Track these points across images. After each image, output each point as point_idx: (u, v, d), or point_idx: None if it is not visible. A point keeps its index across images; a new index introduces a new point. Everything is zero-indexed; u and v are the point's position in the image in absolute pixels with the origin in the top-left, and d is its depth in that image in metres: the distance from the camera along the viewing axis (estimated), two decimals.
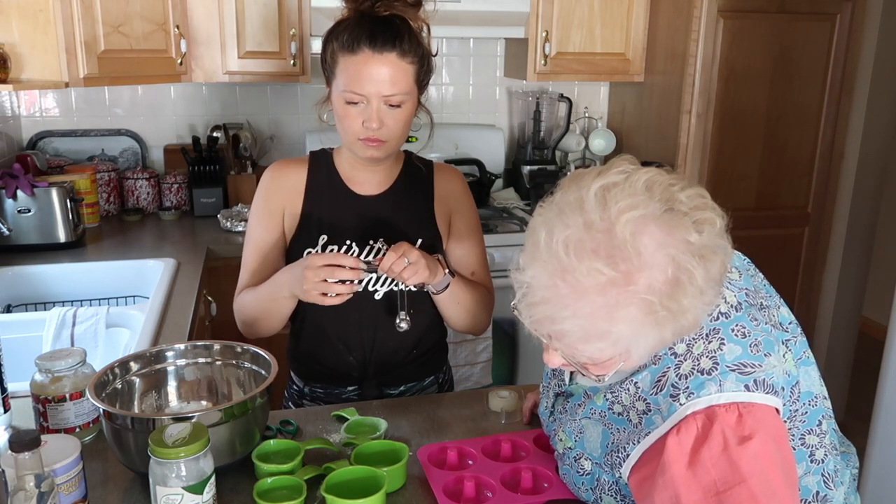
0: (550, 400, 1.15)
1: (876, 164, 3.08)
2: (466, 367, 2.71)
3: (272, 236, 1.49)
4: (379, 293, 1.47)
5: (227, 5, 2.58)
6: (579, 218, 0.82)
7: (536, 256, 0.84)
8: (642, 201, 0.81)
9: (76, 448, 1.03)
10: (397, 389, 1.55)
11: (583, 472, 1.02)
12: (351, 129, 1.37)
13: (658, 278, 0.80)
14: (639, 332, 0.82)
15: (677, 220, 0.81)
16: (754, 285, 0.99)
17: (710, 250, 0.82)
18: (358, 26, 1.32)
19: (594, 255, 0.80)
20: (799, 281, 3.07)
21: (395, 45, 1.32)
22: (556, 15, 2.82)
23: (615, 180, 0.83)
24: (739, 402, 0.86)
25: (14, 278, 2.14)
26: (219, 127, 2.91)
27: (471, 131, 3.14)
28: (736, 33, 2.71)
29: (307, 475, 1.12)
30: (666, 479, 0.85)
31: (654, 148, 2.96)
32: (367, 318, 1.48)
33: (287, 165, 1.51)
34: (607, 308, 0.80)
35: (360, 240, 1.46)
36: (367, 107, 1.34)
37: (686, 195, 0.83)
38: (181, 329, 1.76)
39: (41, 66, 2.13)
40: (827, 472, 0.98)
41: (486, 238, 2.70)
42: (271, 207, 1.48)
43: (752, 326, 0.91)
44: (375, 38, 1.31)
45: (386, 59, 1.32)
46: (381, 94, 1.33)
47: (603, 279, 0.79)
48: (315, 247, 1.45)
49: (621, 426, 0.96)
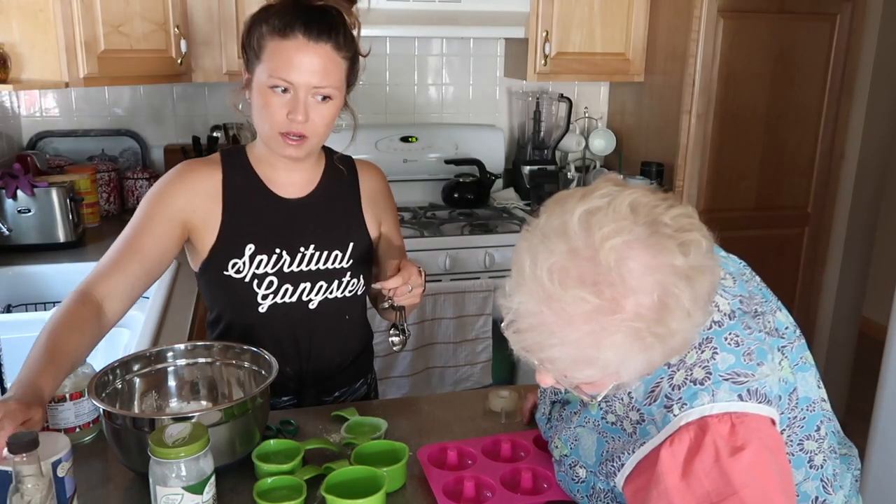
0: (547, 407, 1.15)
1: (876, 164, 3.08)
2: (466, 367, 2.71)
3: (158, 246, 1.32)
4: (314, 302, 1.42)
5: (227, 5, 2.58)
6: (563, 245, 0.81)
7: (522, 283, 0.83)
8: (626, 226, 0.80)
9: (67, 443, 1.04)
10: (332, 396, 1.52)
11: (578, 480, 1.02)
12: (272, 120, 1.28)
13: (644, 303, 0.79)
14: (626, 357, 0.81)
15: (662, 243, 0.80)
16: (749, 291, 0.98)
17: (698, 271, 0.81)
18: (293, 11, 1.26)
19: (579, 283, 0.79)
20: (799, 281, 3.07)
21: (331, 37, 1.26)
22: (556, 15, 2.82)
23: (598, 204, 0.82)
24: (732, 412, 0.85)
25: (14, 278, 2.14)
26: (219, 127, 2.91)
27: (471, 131, 3.14)
28: (736, 33, 2.71)
29: (307, 475, 1.12)
30: (660, 490, 0.85)
31: (654, 148, 2.96)
32: (303, 328, 1.43)
33: (198, 167, 1.38)
34: (594, 335, 0.80)
35: (290, 247, 1.39)
36: (293, 97, 1.26)
37: (670, 216, 0.82)
38: (181, 329, 1.76)
39: (41, 66, 2.12)
40: (826, 476, 0.98)
41: (487, 238, 2.77)
42: (171, 213, 1.34)
43: (745, 335, 0.90)
44: (311, 25, 1.25)
45: (320, 50, 1.26)
46: (311, 85, 1.26)
47: (588, 307, 0.79)
48: (242, 257, 1.36)
49: (616, 435, 0.96)
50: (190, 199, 1.35)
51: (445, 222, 2.85)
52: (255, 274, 1.37)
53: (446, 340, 2.65)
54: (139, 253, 1.31)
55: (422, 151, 3.06)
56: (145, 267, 1.32)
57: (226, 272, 1.37)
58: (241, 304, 1.40)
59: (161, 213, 1.34)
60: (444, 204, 3.07)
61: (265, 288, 1.38)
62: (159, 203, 1.35)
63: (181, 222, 1.35)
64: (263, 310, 1.39)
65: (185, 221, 1.35)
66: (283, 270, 1.39)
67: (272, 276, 1.38)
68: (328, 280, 1.42)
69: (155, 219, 1.33)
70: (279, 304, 1.40)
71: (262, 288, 1.38)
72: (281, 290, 1.39)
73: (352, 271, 1.44)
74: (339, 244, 1.42)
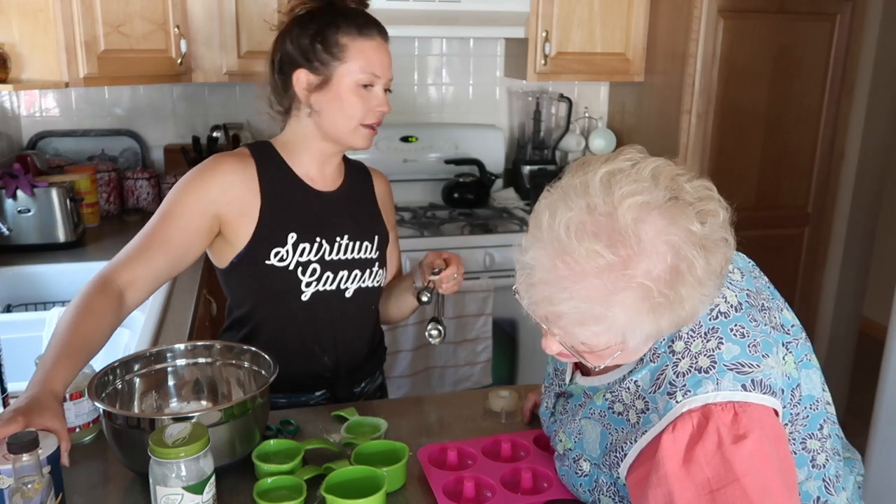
0: (551, 401, 1.15)
1: (876, 164, 3.08)
2: (466, 366, 2.71)
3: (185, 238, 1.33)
4: (349, 290, 1.46)
5: (227, 5, 2.58)
6: (582, 201, 0.82)
7: (538, 238, 0.84)
8: (647, 188, 0.81)
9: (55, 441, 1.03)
10: (359, 387, 1.55)
11: (581, 474, 1.02)
12: (357, 114, 1.37)
13: (657, 265, 0.80)
14: (634, 318, 0.82)
15: (681, 210, 0.81)
16: (757, 287, 0.99)
17: (713, 241, 0.82)
18: (361, 14, 1.38)
19: (594, 237, 0.80)
20: (799, 281, 3.07)
21: (387, 36, 1.41)
22: (556, 15, 2.82)
23: (622, 166, 0.84)
24: (736, 401, 0.86)
25: (14, 278, 2.14)
26: (219, 127, 2.91)
27: (471, 131, 3.14)
28: (736, 33, 2.71)
29: (307, 475, 1.12)
30: (660, 475, 0.85)
31: (654, 148, 2.93)
32: (340, 317, 1.46)
33: (230, 160, 1.38)
34: (604, 292, 0.81)
35: (328, 237, 1.43)
36: (377, 90, 1.38)
37: (692, 186, 0.84)
38: (181, 329, 1.76)
39: (41, 66, 2.13)
40: (828, 476, 0.98)
41: (487, 238, 2.78)
42: (202, 206, 1.33)
43: (751, 327, 0.91)
44: (379, 26, 1.39)
45: (386, 46, 1.40)
46: (389, 78, 1.40)
47: (602, 262, 0.80)
48: (285, 245, 1.38)
49: (620, 426, 0.96)
50: (225, 190, 1.35)
51: (445, 222, 2.85)
52: (298, 262, 1.40)
53: (446, 340, 2.64)
54: (165, 244, 1.31)
55: (422, 151, 3.06)
56: (170, 258, 1.32)
57: (267, 261, 1.38)
58: (283, 293, 1.41)
59: (192, 204, 1.34)
60: (444, 204, 3.07)
61: (309, 275, 1.41)
62: (190, 195, 1.34)
63: (213, 215, 1.35)
64: (306, 297, 1.42)
65: (217, 214, 1.35)
66: (325, 258, 1.43)
67: (315, 263, 1.42)
68: (361, 269, 1.47)
69: (185, 211, 1.33)
70: (321, 291, 1.43)
71: (305, 275, 1.41)
72: (323, 278, 1.43)
73: (379, 262, 1.51)
74: (367, 235, 1.48)
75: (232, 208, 1.36)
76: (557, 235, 0.82)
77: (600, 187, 0.82)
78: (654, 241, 0.80)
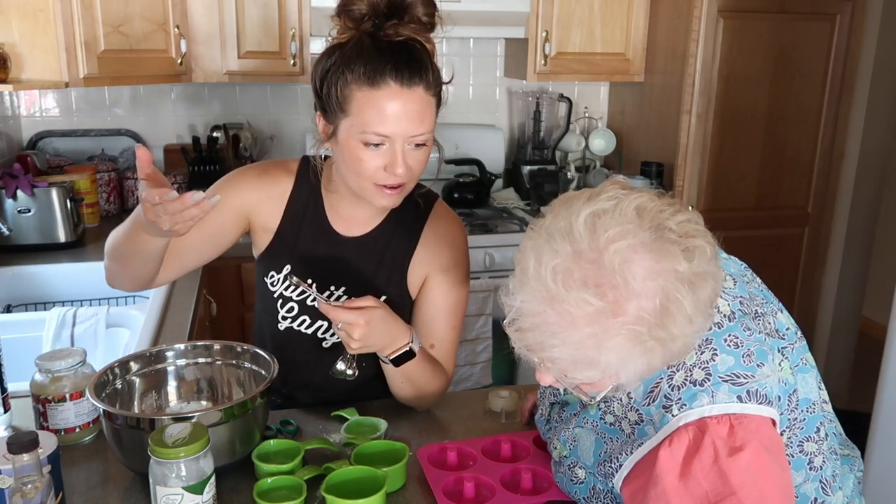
0: (546, 409, 1.16)
1: (876, 164, 3.08)
2: (466, 367, 2.71)
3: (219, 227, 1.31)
4: (328, 342, 1.38)
5: (227, 5, 2.58)
6: (568, 246, 0.81)
7: (525, 283, 0.84)
8: (631, 230, 0.80)
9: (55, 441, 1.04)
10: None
11: (577, 481, 1.02)
12: (366, 173, 1.18)
13: (646, 307, 0.79)
14: (627, 360, 0.82)
15: (667, 248, 0.80)
16: (750, 292, 0.98)
17: (700, 277, 0.81)
18: (378, 54, 1.13)
19: (583, 284, 0.79)
20: (799, 281, 3.07)
21: (422, 77, 1.15)
22: (556, 15, 2.82)
23: (605, 207, 0.83)
24: (731, 413, 0.86)
25: (14, 278, 2.14)
26: (219, 127, 2.91)
27: (471, 131, 3.14)
28: (736, 33, 2.71)
29: (307, 475, 1.12)
30: (658, 491, 0.85)
31: (654, 148, 2.96)
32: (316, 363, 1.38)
33: (277, 172, 1.35)
34: (595, 337, 0.80)
35: (321, 281, 1.34)
36: (389, 149, 1.16)
37: (676, 222, 0.82)
38: (181, 329, 1.76)
39: (41, 66, 2.13)
40: (825, 478, 0.98)
41: (487, 238, 2.75)
42: (240, 203, 1.33)
43: (745, 336, 0.90)
44: (402, 69, 1.13)
45: (413, 95, 1.14)
46: (408, 135, 1.16)
47: (591, 309, 0.79)
48: (279, 273, 1.34)
49: (614, 436, 0.96)
50: (262, 199, 1.34)
51: None
52: (282, 294, 1.36)
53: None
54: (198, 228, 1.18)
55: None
56: (201, 240, 1.31)
57: (266, 278, 1.37)
58: (268, 312, 1.40)
59: (232, 199, 1.32)
60: None
61: (286, 311, 1.37)
62: (234, 191, 1.32)
63: (247, 215, 1.34)
64: (282, 328, 1.38)
65: (249, 216, 1.35)
66: (306, 303, 1.35)
67: (294, 302, 1.36)
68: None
69: (226, 203, 1.29)
70: (294, 330, 1.37)
71: (283, 309, 1.37)
72: (299, 320, 1.37)
73: None
74: (370, 292, 1.26)
75: (260, 218, 1.35)
76: (545, 283, 0.81)
77: (585, 231, 0.81)
78: (642, 283, 0.79)
